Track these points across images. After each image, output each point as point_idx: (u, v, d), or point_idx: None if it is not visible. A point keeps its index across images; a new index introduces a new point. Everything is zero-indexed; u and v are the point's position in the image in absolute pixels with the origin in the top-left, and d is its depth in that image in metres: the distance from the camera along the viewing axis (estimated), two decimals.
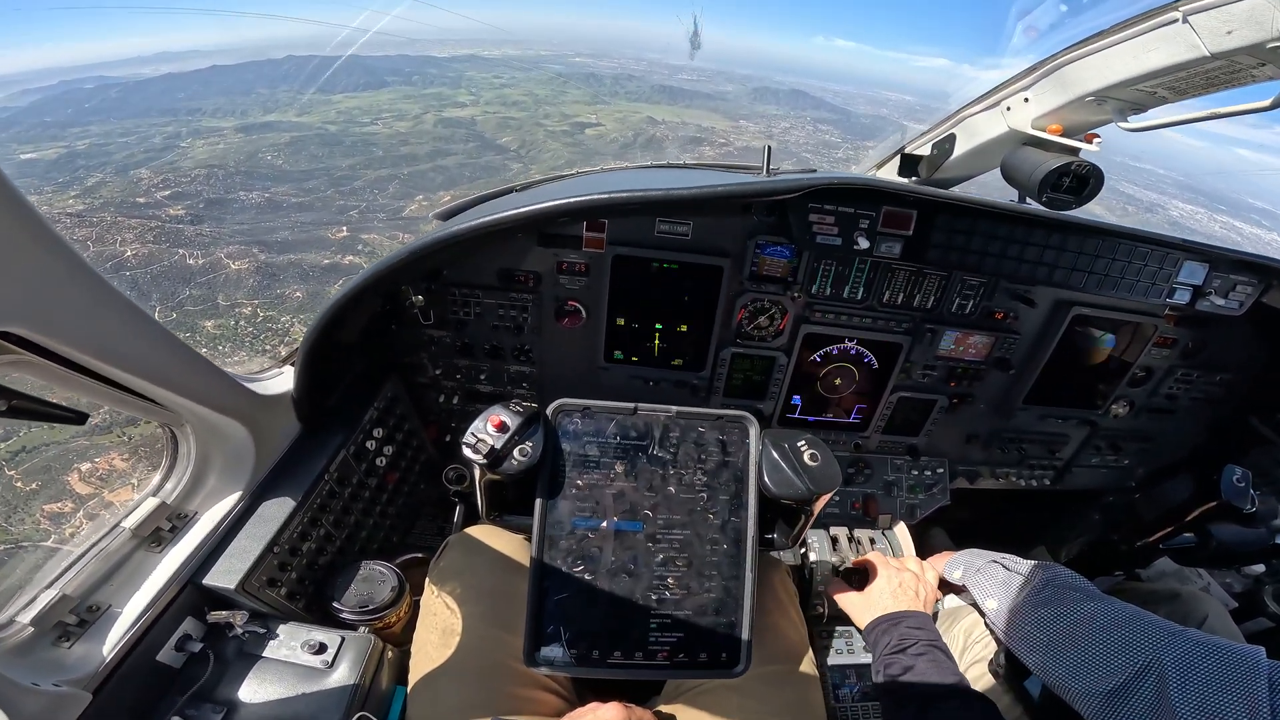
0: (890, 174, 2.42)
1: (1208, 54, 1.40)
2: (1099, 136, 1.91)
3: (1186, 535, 1.97)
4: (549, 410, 1.28)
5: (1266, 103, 1.43)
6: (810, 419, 2.41)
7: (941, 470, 2.61)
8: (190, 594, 1.46)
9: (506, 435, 1.18)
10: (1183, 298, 2.02)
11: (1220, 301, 2.06)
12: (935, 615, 2.40)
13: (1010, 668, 1.86)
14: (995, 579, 1.74)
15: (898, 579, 1.79)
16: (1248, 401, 2.56)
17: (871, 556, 1.93)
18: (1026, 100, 1.99)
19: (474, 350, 2.22)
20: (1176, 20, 1.43)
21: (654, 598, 1.26)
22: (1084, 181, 1.86)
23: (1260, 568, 2.39)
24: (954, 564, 1.91)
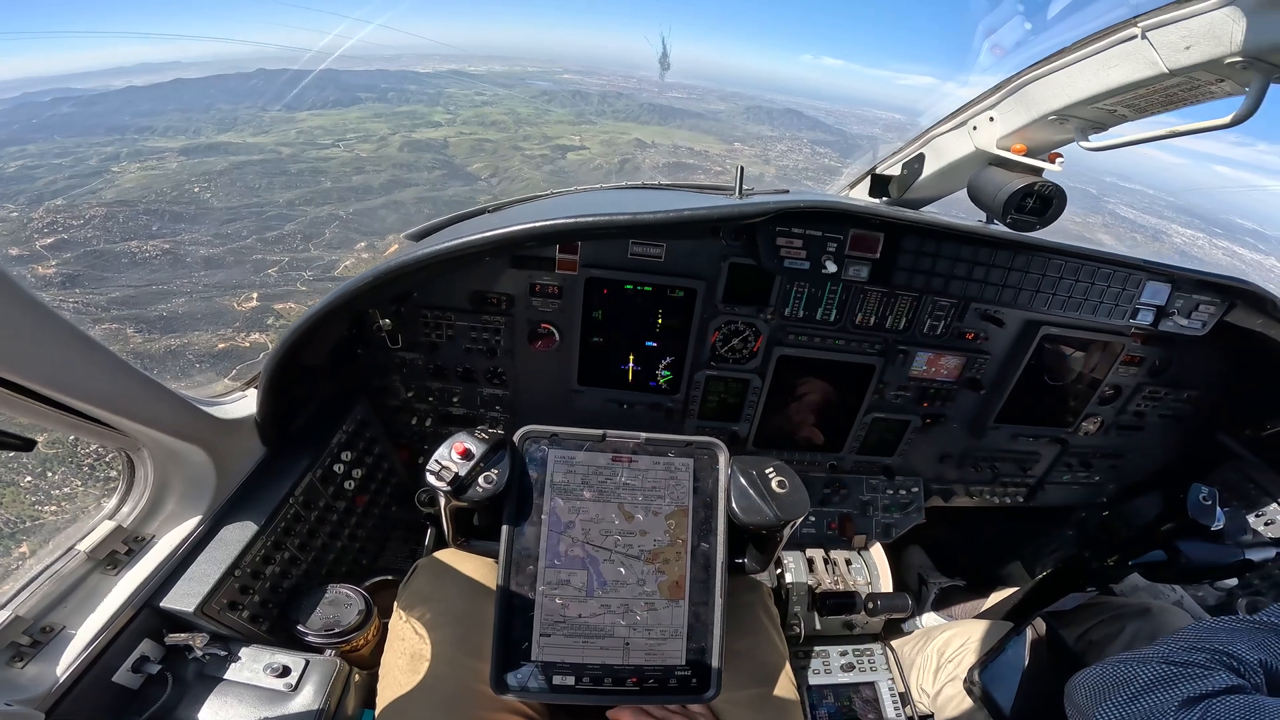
0: (862, 194, 2.56)
1: (1166, 70, 1.44)
2: (1061, 156, 1.99)
3: (1156, 552, 2.08)
4: (516, 437, 1.36)
5: (1227, 119, 1.44)
6: (785, 440, 2.52)
7: (916, 489, 2.73)
8: (148, 616, 1.51)
9: (471, 462, 1.25)
10: (1146, 318, 2.17)
11: (1184, 322, 2.21)
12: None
13: (984, 685, 1.95)
14: None
15: None
16: (1215, 418, 2.72)
17: None
18: (992, 120, 2.05)
19: (446, 373, 2.30)
20: (1135, 36, 1.48)
21: (623, 623, 1.33)
22: (1047, 202, 1.92)
23: (1233, 581, 2.51)
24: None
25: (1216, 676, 1.12)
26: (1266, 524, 2.59)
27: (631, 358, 2.27)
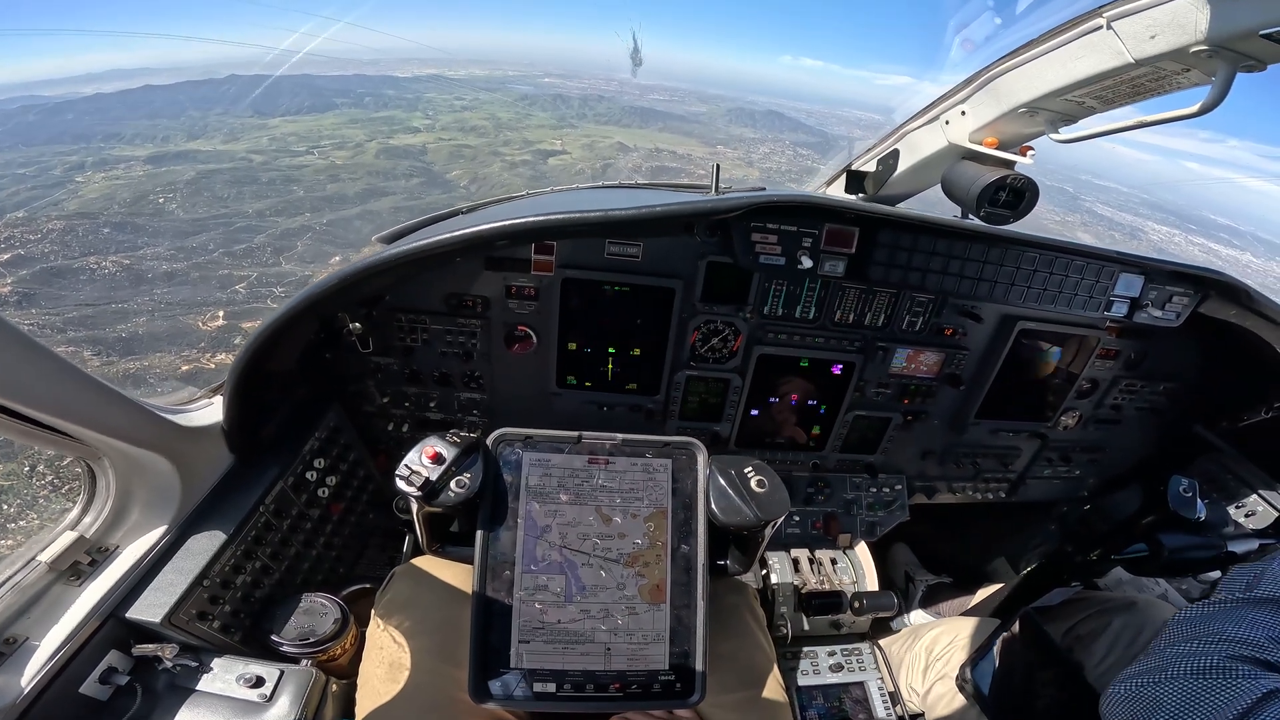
0: (838, 192, 2.59)
1: (1132, 60, 1.48)
2: (1033, 149, 2.03)
3: (1138, 545, 2.11)
4: (489, 440, 1.35)
5: (1194, 109, 1.47)
6: (767, 440, 2.54)
7: (900, 487, 2.76)
8: (113, 627, 1.48)
9: (442, 467, 1.25)
10: (1120, 311, 2.19)
11: (1158, 313, 2.24)
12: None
13: (975, 682, 1.96)
14: None
15: None
16: (1192, 410, 2.77)
17: None
18: (964, 114, 2.10)
19: (422, 378, 2.28)
20: (1101, 27, 1.52)
21: (604, 628, 1.32)
22: (1020, 195, 1.98)
23: (1217, 574, 2.55)
24: None
25: (1241, 682, 1.13)
26: (1247, 515, 2.64)
27: (610, 359, 2.27)
